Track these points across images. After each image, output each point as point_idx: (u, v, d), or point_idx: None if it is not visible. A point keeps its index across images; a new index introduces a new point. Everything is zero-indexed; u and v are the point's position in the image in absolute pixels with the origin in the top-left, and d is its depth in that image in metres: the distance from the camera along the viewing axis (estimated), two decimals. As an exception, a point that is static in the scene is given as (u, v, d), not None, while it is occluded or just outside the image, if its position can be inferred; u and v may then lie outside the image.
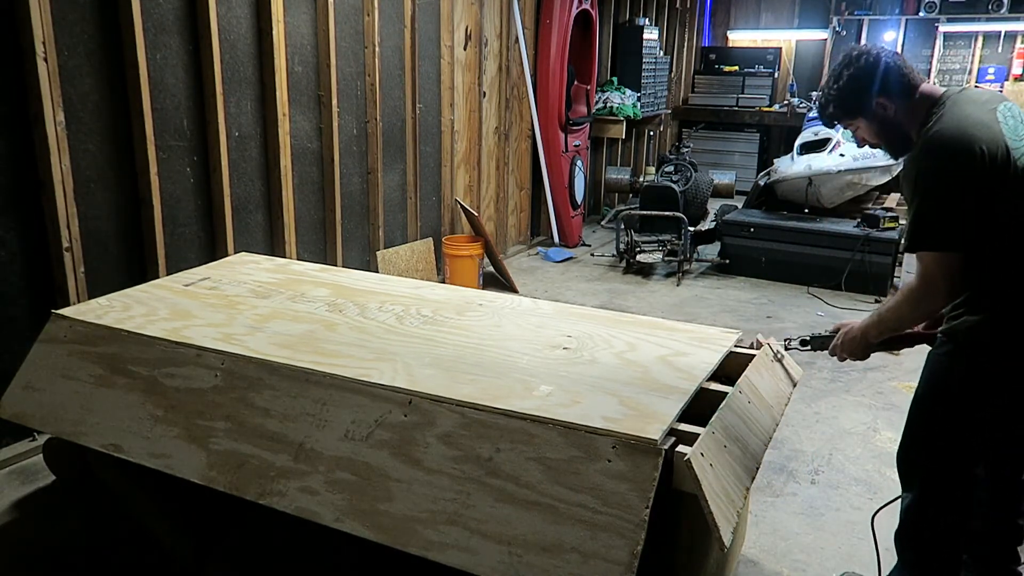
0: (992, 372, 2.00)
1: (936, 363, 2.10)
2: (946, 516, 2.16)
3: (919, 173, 1.96)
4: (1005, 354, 1.98)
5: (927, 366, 2.14)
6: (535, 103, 6.48)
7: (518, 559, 1.77)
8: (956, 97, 2.02)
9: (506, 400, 2.03)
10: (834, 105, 2.16)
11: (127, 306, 2.73)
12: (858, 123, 2.16)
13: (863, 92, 2.09)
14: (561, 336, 2.52)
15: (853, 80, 2.10)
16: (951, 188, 1.91)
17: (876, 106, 2.09)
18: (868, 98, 2.09)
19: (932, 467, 2.15)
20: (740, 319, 5.07)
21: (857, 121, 2.16)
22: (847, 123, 2.19)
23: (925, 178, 1.94)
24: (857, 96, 2.11)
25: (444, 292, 3.02)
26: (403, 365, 2.26)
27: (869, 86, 2.08)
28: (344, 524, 1.95)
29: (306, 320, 2.63)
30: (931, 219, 1.94)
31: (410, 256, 5.21)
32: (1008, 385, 2.00)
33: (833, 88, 2.15)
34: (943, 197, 1.92)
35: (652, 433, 1.86)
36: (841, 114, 2.17)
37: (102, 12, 3.23)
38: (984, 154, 1.88)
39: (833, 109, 2.17)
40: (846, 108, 2.15)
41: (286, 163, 4.15)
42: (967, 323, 2.00)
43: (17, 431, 3.11)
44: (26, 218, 3.09)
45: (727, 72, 9.97)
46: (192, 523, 2.55)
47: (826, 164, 5.96)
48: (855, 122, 2.16)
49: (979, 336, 1.99)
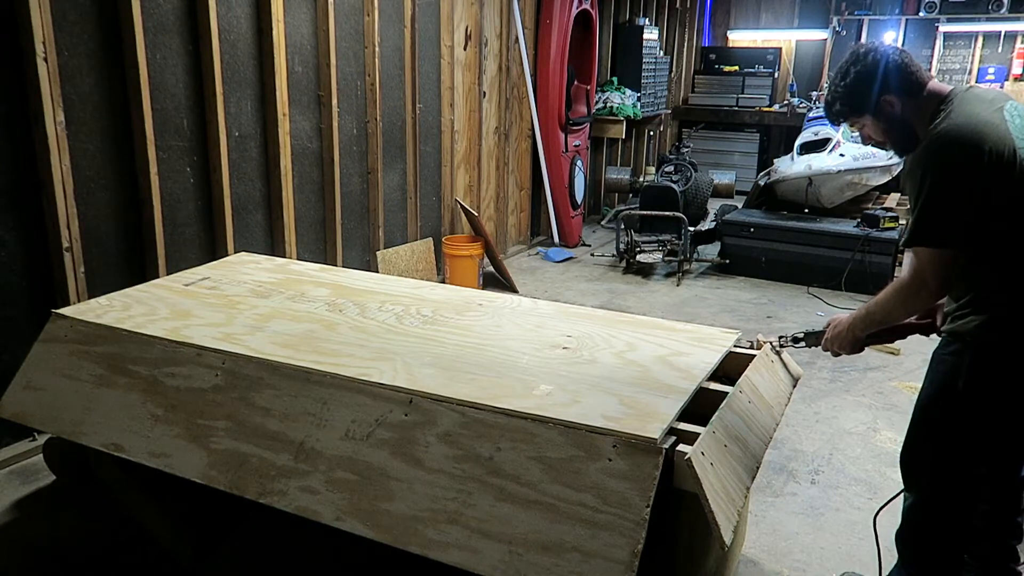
0: (1001, 371, 1.99)
1: (942, 363, 2.09)
2: (950, 517, 2.16)
3: (924, 170, 1.95)
4: (1014, 353, 1.98)
5: (932, 366, 2.13)
6: (535, 103, 6.48)
7: (519, 558, 1.77)
8: (963, 95, 2.01)
9: (506, 399, 2.03)
10: (841, 103, 2.14)
11: (127, 305, 2.73)
12: (865, 121, 2.14)
13: (870, 90, 2.07)
14: (561, 336, 2.52)
15: (860, 78, 2.08)
16: (955, 186, 1.91)
17: (883, 104, 2.08)
18: (875, 96, 2.07)
19: (938, 468, 2.14)
20: (740, 319, 5.08)
21: (864, 119, 2.14)
22: (854, 121, 2.17)
23: (930, 175, 1.94)
24: (864, 94, 2.09)
25: (444, 292, 3.02)
26: (403, 364, 2.26)
27: (876, 84, 2.06)
28: (344, 523, 1.95)
29: (306, 320, 2.63)
30: (932, 216, 1.93)
31: (410, 256, 5.21)
32: (1016, 384, 1.99)
33: (840, 86, 2.13)
34: (946, 195, 1.92)
35: (652, 432, 1.86)
36: (848, 112, 2.15)
37: (102, 12, 3.23)
38: (991, 153, 1.88)
39: (840, 107, 2.15)
40: (853, 106, 2.13)
41: (286, 163, 4.15)
42: (974, 322, 2.00)
43: (17, 431, 3.10)
44: (26, 218, 3.09)
45: (727, 72, 9.97)
46: (192, 523, 2.55)
47: (826, 164, 5.96)
48: (862, 120, 2.15)
49: (987, 335, 1.98)
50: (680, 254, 5.94)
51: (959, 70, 9.26)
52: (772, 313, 5.25)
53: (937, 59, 9.25)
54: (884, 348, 4.48)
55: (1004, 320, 1.97)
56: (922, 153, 1.99)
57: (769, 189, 6.53)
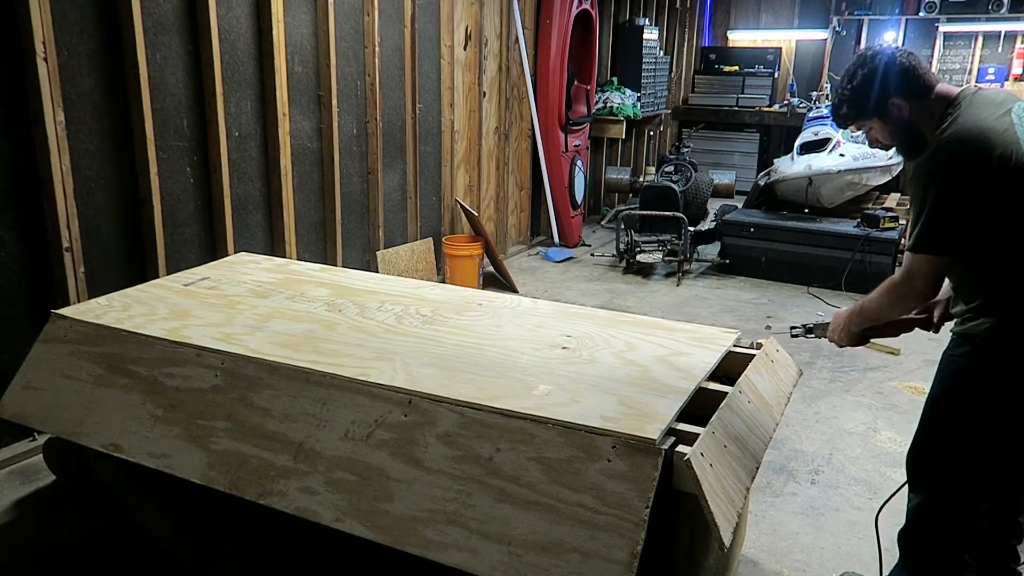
0: (1010, 374, 1.99)
1: (952, 364, 2.09)
2: (954, 518, 2.16)
3: (929, 178, 1.94)
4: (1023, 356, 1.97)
5: (941, 367, 2.13)
6: (535, 103, 6.48)
7: (518, 559, 1.77)
8: (971, 98, 2.00)
9: (505, 400, 2.03)
10: (848, 105, 2.11)
11: (126, 306, 2.73)
12: (872, 124, 2.11)
13: (878, 92, 2.04)
14: (560, 336, 2.52)
15: (868, 80, 2.05)
16: (958, 197, 1.91)
17: (890, 107, 2.05)
18: (883, 98, 2.04)
19: (944, 469, 2.14)
20: (740, 319, 5.08)
21: (871, 122, 2.11)
22: (861, 124, 2.15)
23: (935, 184, 1.93)
24: (872, 96, 2.05)
25: (444, 292, 3.02)
26: (402, 364, 2.26)
27: (884, 86, 2.04)
28: (344, 524, 1.95)
29: (306, 320, 2.63)
30: (934, 226, 1.93)
31: (410, 256, 5.21)
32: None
33: (847, 88, 2.09)
34: (949, 205, 1.92)
35: (651, 432, 1.86)
36: (855, 115, 2.12)
37: (102, 12, 3.23)
38: (998, 159, 1.87)
39: (847, 109, 2.12)
40: (860, 109, 2.09)
41: (286, 163, 4.15)
42: (984, 325, 1.99)
43: (17, 431, 3.11)
44: (26, 218, 3.09)
45: (727, 72, 9.97)
46: (192, 523, 2.55)
47: (826, 164, 5.96)
48: (869, 123, 2.11)
49: (996, 338, 1.98)
50: (680, 254, 5.94)
51: (959, 70, 9.25)
52: (772, 313, 5.25)
53: (937, 59, 9.24)
54: (884, 348, 4.48)
55: (1013, 323, 1.96)
56: (927, 160, 1.98)
57: (769, 189, 6.53)
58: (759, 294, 5.67)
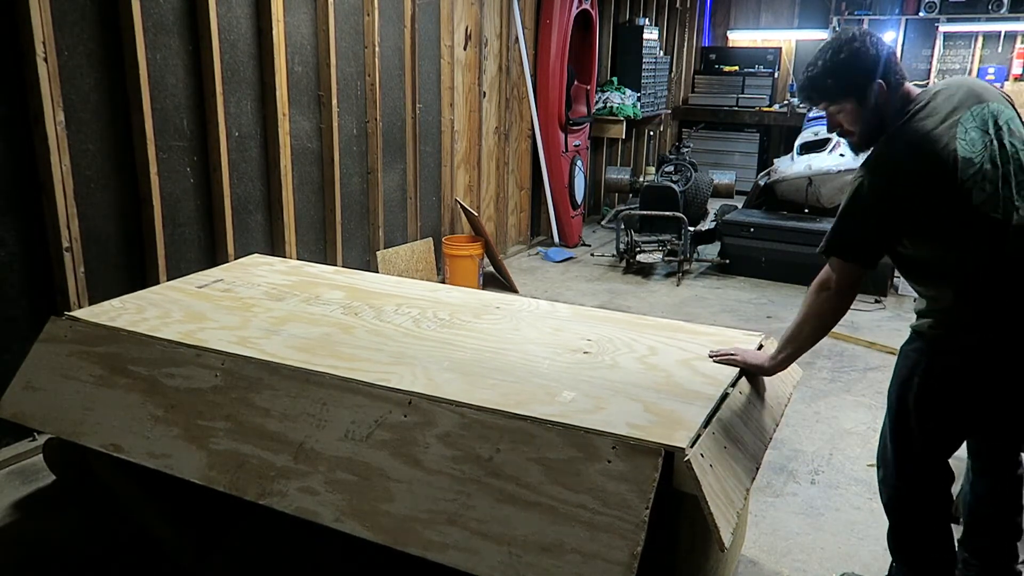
0: (949, 372, 2.02)
1: (905, 357, 2.12)
2: (925, 507, 2.17)
3: (856, 184, 1.95)
4: (961, 356, 2.00)
5: (897, 360, 2.16)
6: (535, 103, 6.48)
7: (518, 559, 1.77)
8: (927, 105, 1.95)
9: (528, 406, 2.00)
10: (832, 78, 1.97)
11: (140, 308, 2.71)
12: (847, 104, 1.99)
13: (866, 70, 1.94)
14: (580, 339, 2.49)
15: (857, 56, 1.94)
16: (874, 210, 1.93)
17: (873, 89, 1.94)
18: (868, 79, 1.93)
19: (903, 460, 2.15)
20: (740, 319, 5.07)
21: (847, 102, 1.99)
22: (836, 102, 2.00)
23: (856, 191, 1.95)
24: (858, 73, 1.94)
25: (460, 295, 3.00)
26: (422, 369, 2.24)
27: (874, 65, 1.94)
28: (344, 524, 1.95)
29: (322, 323, 2.61)
30: (845, 232, 1.97)
31: (410, 256, 5.21)
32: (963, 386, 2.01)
33: (830, 60, 1.96)
34: (864, 215, 1.94)
35: (679, 441, 1.84)
36: (836, 91, 1.98)
37: (102, 12, 3.23)
38: (927, 176, 1.88)
39: (830, 83, 1.97)
40: (843, 84, 1.96)
41: (286, 163, 4.15)
42: (927, 323, 2.04)
43: (17, 431, 3.10)
44: (26, 218, 3.09)
45: (727, 72, 9.97)
46: (192, 524, 2.55)
47: (826, 164, 5.95)
48: (845, 103, 1.99)
49: (939, 336, 2.02)
50: (680, 254, 5.94)
51: (959, 70, 9.25)
52: (772, 313, 5.25)
53: (937, 59, 9.24)
54: (884, 348, 4.47)
55: (955, 325, 1.99)
56: (863, 163, 1.98)
57: (769, 189, 6.53)
58: (759, 294, 5.67)
